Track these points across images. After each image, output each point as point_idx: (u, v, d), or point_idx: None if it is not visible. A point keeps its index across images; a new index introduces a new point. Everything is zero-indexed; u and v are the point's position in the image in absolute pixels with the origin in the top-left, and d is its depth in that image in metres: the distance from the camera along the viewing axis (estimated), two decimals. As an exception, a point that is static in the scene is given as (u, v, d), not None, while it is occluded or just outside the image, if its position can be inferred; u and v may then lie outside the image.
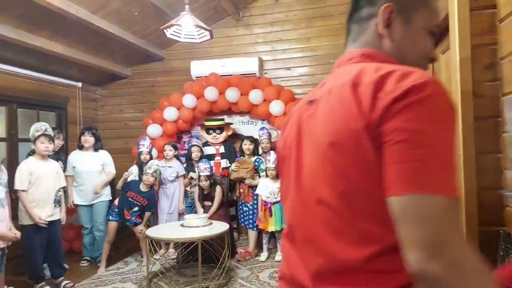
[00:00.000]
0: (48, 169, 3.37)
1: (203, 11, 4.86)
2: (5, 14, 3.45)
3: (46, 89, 4.87)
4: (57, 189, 3.43)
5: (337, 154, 0.65)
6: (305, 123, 0.77)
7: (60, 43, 4.27)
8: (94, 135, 4.08)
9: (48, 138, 3.30)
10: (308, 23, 5.07)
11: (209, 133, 4.77)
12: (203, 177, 4.03)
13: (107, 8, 3.99)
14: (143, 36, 4.92)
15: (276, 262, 4.01)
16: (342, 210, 0.65)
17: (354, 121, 0.62)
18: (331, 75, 0.80)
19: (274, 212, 4.05)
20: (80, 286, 3.46)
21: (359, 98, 0.63)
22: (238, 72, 4.97)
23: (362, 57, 0.75)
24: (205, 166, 4.07)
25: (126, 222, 3.86)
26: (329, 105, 0.69)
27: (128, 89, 5.75)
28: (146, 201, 3.90)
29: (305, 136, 0.76)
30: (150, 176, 3.87)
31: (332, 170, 0.66)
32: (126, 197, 3.86)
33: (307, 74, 5.10)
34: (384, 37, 0.75)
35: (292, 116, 0.85)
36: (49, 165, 3.41)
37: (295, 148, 0.78)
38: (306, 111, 0.78)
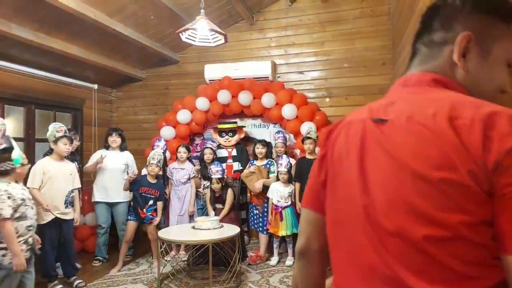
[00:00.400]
0: (62, 170, 3.45)
1: (218, 15, 4.90)
2: (25, 18, 3.56)
3: (62, 90, 4.99)
4: (70, 190, 3.48)
5: (432, 190, 0.60)
6: (374, 144, 0.70)
7: (77, 45, 4.36)
8: (120, 135, 4.27)
9: (69, 140, 3.44)
10: (321, 27, 5.07)
11: (221, 136, 4.80)
12: (215, 180, 4.05)
13: (124, 12, 4.06)
14: (158, 40, 4.99)
15: (286, 266, 4.00)
16: (427, 247, 0.60)
17: (458, 158, 0.58)
18: (400, 95, 0.74)
19: (285, 217, 4.04)
20: (92, 286, 3.51)
21: (461, 134, 0.59)
22: (251, 76, 4.99)
23: (434, 82, 0.71)
24: (217, 169, 4.09)
25: (143, 220, 3.90)
26: (415, 134, 0.64)
27: (143, 92, 5.83)
28: (157, 191, 3.97)
29: (376, 160, 0.69)
30: (154, 166, 3.93)
31: (423, 204, 0.61)
32: (139, 194, 3.92)
33: (320, 78, 5.09)
34: (458, 66, 0.70)
35: (349, 129, 0.77)
36: (64, 166, 3.50)
37: (357, 167, 0.72)
38: (375, 130, 0.71)
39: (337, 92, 5.00)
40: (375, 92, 4.71)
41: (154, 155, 3.99)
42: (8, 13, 3.41)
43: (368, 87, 4.83)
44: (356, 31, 4.91)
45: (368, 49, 4.86)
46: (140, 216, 3.89)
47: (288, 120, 4.69)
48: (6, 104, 4.30)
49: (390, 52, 4.75)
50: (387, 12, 4.82)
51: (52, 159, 3.44)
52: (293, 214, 4.08)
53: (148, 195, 3.93)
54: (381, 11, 4.84)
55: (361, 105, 3.31)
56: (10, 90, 4.23)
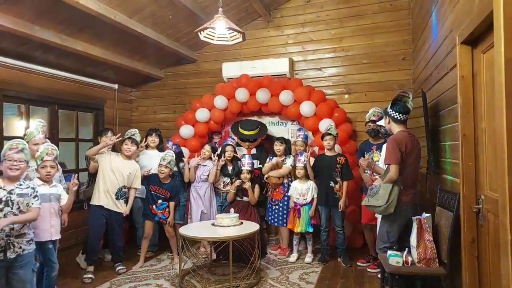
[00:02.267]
0: (122, 167, 3.79)
1: (235, 13, 4.91)
2: (49, 20, 3.66)
3: (84, 90, 5.11)
4: (122, 185, 3.77)
5: None
6: None
7: (98, 46, 4.46)
8: (159, 136, 4.48)
9: (130, 141, 3.88)
10: (340, 23, 5.01)
11: (243, 141, 4.83)
12: (245, 170, 4.15)
13: (143, 12, 4.12)
14: (176, 39, 5.04)
15: (306, 263, 3.99)
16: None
17: None
18: None
19: (302, 214, 4.03)
20: (115, 281, 3.59)
21: None
22: (269, 73, 4.98)
23: None
24: (248, 161, 4.22)
25: (154, 218, 3.95)
26: None
27: (162, 91, 5.91)
28: (168, 192, 3.98)
29: None
30: (164, 167, 3.92)
31: None
32: (149, 192, 3.97)
33: (339, 74, 5.04)
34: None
35: None
36: (127, 164, 3.85)
37: None
38: None
39: (356, 88, 4.94)
40: (394, 88, 4.62)
41: (166, 156, 3.99)
42: (31, 16, 3.51)
43: (388, 83, 4.75)
44: (375, 26, 4.83)
45: (387, 44, 4.78)
46: (152, 213, 3.95)
47: (306, 117, 4.66)
48: (31, 105, 4.44)
49: (411, 46, 4.65)
50: (407, 6, 4.71)
51: (119, 156, 3.87)
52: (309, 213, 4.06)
53: (157, 194, 3.96)
54: (401, 5, 4.74)
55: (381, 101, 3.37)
56: (35, 91, 4.37)
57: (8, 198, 2.37)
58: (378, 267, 3.52)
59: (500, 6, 1.48)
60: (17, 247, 2.40)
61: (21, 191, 2.43)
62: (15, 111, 4.70)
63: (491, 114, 1.93)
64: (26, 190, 2.46)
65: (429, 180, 3.38)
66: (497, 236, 1.79)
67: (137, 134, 4.10)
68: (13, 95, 4.14)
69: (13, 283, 2.41)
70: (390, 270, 2.56)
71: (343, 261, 3.96)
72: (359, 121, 4.80)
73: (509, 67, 1.45)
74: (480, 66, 2.15)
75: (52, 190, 2.88)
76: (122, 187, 3.78)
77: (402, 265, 2.55)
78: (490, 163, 2.02)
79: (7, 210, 2.36)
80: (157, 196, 3.96)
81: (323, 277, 3.63)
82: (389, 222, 2.78)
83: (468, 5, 2.17)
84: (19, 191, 2.42)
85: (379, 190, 2.72)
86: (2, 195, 2.37)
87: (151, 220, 3.97)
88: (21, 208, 2.41)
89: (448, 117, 2.71)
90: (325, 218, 3.99)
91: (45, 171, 2.83)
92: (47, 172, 2.83)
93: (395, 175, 2.66)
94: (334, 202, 3.93)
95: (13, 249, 2.38)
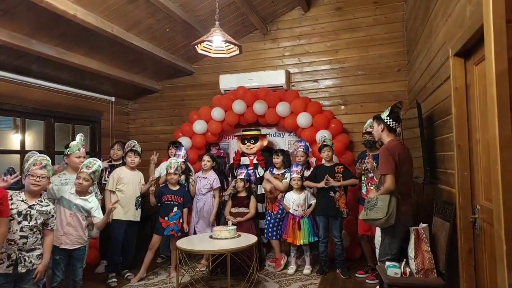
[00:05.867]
0: (131, 178, 3.99)
1: (232, 26, 4.98)
2: (46, 33, 3.68)
3: (81, 103, 5.12)
4: (137, 195, 3.99)
5: None
6: None
7: (95, 59, 4.48)
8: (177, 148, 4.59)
9: (133, 153, 4.04)
10: (335, 35, 5.08)
11: (244, 143, 4.83)
12: (239, 180, 4.18)
13: (141, 25, 4.17)
14: (173, 52, 5.09)
15: (304, 275, 3.96)
16: None
17: None
18: None
19: (303, 226, 4.02)
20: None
21: None
22: (266, 85, 5.02)
23: None
24: (241, 171, 4.26)
25: (164, 232, 3.90)
26: None
27: (159, 103, 5.93)
28: (181, 198, 4.01)
29: None
30: (173, 175, 3.98)
31: None
32: (162, 203, 3.96)
33: (335, 86, 5.09)
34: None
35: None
36: (134, 175, 4.04)
37: None
38: None
39: (352, 99, 4.98)
40: (390, 99, 4.67)
41: (171, 163, 4.02)
42: (29, 30, 3.54)
43: (383, 94, 4.80)
44: (370, 38, 4.90)
45: (382, 56, 4.85)
46: (162, 227, 3.91)
47: (303, 128, 4.68)
48: (26, 118, 4.43)
49: (405, 58, 4.72)
50: (401, 19, 4.80)
51: (124, 169, 4.05)
52: (310, 223, 4.05)
53: (171, 202, 3.96)
54: (395, 18, 4.82)
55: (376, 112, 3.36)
56: (31, 104, 4.37)
57: (28, 212, 2.46)
58: (377, 278, 3.50)
59: (489, 20, 1.52)
60: (28, 261, 2.43)
61: (41, 208, 2.53)
62: (11, 125, 4.68)
63: (485, 125, 1.96)
64: (46, 208, 2.55)
65: (425, 190, 3.39)
66: (493, 246, 1.80)
67: (137, 145, 4.16)
68: (9, 108, 4.14)
69: None
70: (389, 282, 2.55)
71: (341, 272, 3.93)
72: (355, 132, 4.84)
73: (500, 79, 1.48)
74: (473, 78, 2.18)
75: (78, 201, 2.98)
76: (138, 196, 3.99)
77: (401, 276, 2.54)
78: (484, 173, 2.03)
79: (25, 223, 2.43)
80: (171, 205, 3.95)
81: (322, 289, 3.61)
82: (390, 234, 2.76)
83: (460, 18, 2.21)
84: (39, 207, 2.52)
85: (377, 202, 2.71)
86: (22, 208, 2.45)
87: (160, 234, 3.95)
88: (38, 223, 2.48)
89: (443, 128, 2.74)
90: (324, 229, 3.98)
91: (78, 181, 2.97)
92: (79, 183, 2.97)
93: (392, 185, 2.66)
94: (333, 212, 3.92)
95: (24, 263, 2.42)
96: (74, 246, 2.94)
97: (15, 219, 2.41)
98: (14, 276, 2.39)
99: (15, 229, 2.40)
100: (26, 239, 2.42)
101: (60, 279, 2.91)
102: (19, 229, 2.41)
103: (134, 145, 4.14)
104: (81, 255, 3.03)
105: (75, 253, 2.96)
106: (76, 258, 2.98)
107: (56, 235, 2.84)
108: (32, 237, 2.46)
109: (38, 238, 2.51)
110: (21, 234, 2.41)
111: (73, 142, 3.50)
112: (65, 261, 2.95)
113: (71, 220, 2.94)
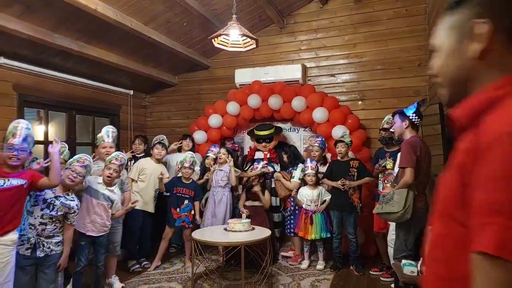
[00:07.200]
0: (154, 171, 4.07)
1: (248, 19, 4.96)
2: (68, 28, 3.76)
3: (101, 96, 5.22)
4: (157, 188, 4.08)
5: None
6: None
7: (114, 53, 4.56)
8: (192, 141, 4.89)
9: (161, 145, 4.19)
10: (354, 28, 4.99)
11: (259, 142, 4.84)
12: (268, 167, 4.37)
13: (159, 19, 4.20)
14: (190, 46, 5.11)
15: (317, 270, 3.96)
16: None
17: None
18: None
19: (315, 221, 4.01)
20: (129, 283, 3.63)
21: None
22: (281, 79, 5.00)
23: None
24: (257, 165, 4.38)
25: (175, 223, 3.99)
26: None
27: (175, 97, 5.99)
28: (192, 191, 4.08)
29: None
30: (188, 169, 4.05)
31: None
32: (173, 194, 4.02)
33: (352, 80, 5.01)
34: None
35: None
36: (157, 168, 4.11)
37: None
38: None
39: (370, 95, 4.90)
40: (410, 95, 4.58)
41: (186, 157, 4.10)
42: (51, 24, 3.62)
43: (402, 90, 4.70)
44: (389, 32, 4.80)
45: (403, 50, 4.74)
46: (173, 218, 3.98)
47: (319, 123, 4.64)
48: (49, 110, 4.56)
49: (427, 52, 4.60)
50: (424, 11, 4.67)
51: (150, 160, 4.19)
52: (323, 219, 4.03)
53: (183, 195, 4.03)
54: (417, 11, 4.70)
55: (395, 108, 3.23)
56: (54, 97, 4.48)
57: (52, 201, 2.58)
58: (392, 276, 3.46)
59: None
60: (46, 247, 2.55)
61: (65, 201, 2.64)
62: (35, 116, 4.82)
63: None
64: (70, 203, 2.65)
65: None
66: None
67: (165, 139, 4.39)
68: (33, 100, 4.26)
69: (40, 281, 2.57)
70: (405, 280, 2.51)
71: (355, 269, 3.91)
72: (372, 128, 4.76)
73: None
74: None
75: (105, 191, 3.09)
76: (157, 189, 4.10)
77: (417, 275, 2.50)
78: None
79: (46, 212, 2.55)
80: (182, 197, 4.03)
81: (335, 284, 3.59)
82: (405, 230, 2.73)
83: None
84: (63, 200, 2.63)
85: (393, 196, 2.68)
86: (49, 196, 2.58)
87: (172, 226, 4.03)
88: (58, 214, 2.58)
89: (464, 124, 2.66)
90: (338, 224, 3.95)
91: (108, 172, 3.08)
92: (109, 174, 3.08)
93: (410, 179, 2.62)
94: (347, 207, 3.89)
95: (42, 248, 2.54)
96: (99, 234, 3.07)
97: (39, 205, 2.54)
98: (34, 259, 2.52)
99: (36, 214, 2.53)
100: (45, 226, 2.54)
101: (84, 264, 3.03)
102: (40, 216, 2.53)
103: (163, 138, 4.35)
104: (104, 242, 3.15)
105: (99, 240, 3.09)
106: (99, 245, 3.11)
107: (83, 223, 2.97)
108: (51, 225, 2.57)
109: (58, 226, 2.62)
110: (41, 221, 2.53)
111: (100, 133, 3.63)
112: (89, 247, 3.08)
113: (98, 209, 3.04)
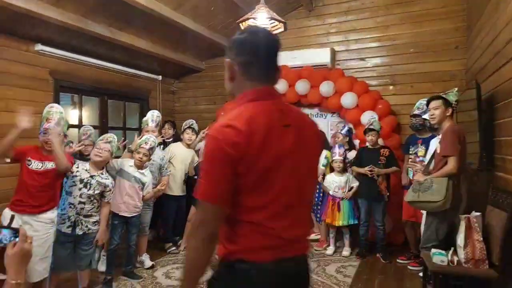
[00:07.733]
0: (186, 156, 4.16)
1: (276, 2, 4.85)
2: (100, 14, 3.83)
3: (131, 82, 5.32)
4: (186, 172, 4.17)
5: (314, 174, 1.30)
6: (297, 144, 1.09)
7: (144, 39, 4.61)
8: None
9: (191, 130, 4.20)
10: (386, 10, 4.79)
11: None
12: None
13: (187, 4, 4.20)
14: (217, 31, 5.09)
15: (343, 257, 3.94)
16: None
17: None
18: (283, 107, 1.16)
19: (343, 207, 3.98)
20: (159, 262, 3.79)
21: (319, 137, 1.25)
22: (309, 64, 4.90)
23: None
24: None
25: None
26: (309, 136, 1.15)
27: (203, 82, 6.02)
28: None
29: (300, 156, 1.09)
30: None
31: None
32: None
33: (383, 64, 4.84)
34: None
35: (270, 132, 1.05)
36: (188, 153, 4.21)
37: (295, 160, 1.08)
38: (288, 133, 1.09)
39: (401, 79, 4.73)
40: (445, 79, 4.37)
41: None
42: (85, 11, 3.70)
43: (437, 74, 4.49)
44: (425, 13, 4.56)
45: (438, 32, 4.50)
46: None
47: (348, 109, 4.54)
48: (83, 95, 4.71)
49: (464, 34, 4.36)
50: (462, -9, 4.41)
51: (180, 145, 4.23)
52: (351, 206, 4.00)
53: None
54: (455, -10, 4.44)
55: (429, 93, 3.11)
56: (87, 82, 4.62)
57: (89, 181, 2.72)
58: (420, 265, 3.39)
59: None
60: (84, 225, 2.71)
61: (100, 179, 2.78)
62: (69, 101, 5.01)
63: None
64: (105, 181, 2.79)
65: (480, 177, 3.18)
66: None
67: (195, 123, 4.34)
68: (68, 85, 4.41)
69: (78, 256, 2.75)
70: (434, 269, 2.46)
71: (382, 257, 3.86)
72: (403, 113, 4.60)
73: None
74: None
75: (136, 173, 3.23)
76: (187, 173, 4.20)
77: (448, 264, 2.44)
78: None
79: (84, 191, 2.70)
80: None
81: (361, 271, 3.57)
82: (440, 219, 2.65)
83: (533, -12, 1.99)
84: (99, 179, 2.77)
85: (432, 184, 2.60)
86: (84, 176, 2.72)
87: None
88: (95, 193, 2.72)
89: (506, 111, 2.53)
90: (365, 212, 3.91)
91: (138, 156, 3.23)
92: (139, 158, 3.22)
93: (455, 168, 2.53)
94: (375, 195, 3.83)
95: (81, 226, 2.70)
96: (132, 214, 3.23)
97: (77, 185, 2.68)
98: (73, 237, 2.68)
99: (75, 194, 2.67)
100: (83, 205, 2.69)
101: (117, 242, 3.19)
102: (79, 195, 2.67)
103: (193, 123, 4.32)
104: (137, 222, 3.30)
105: (131, 220, 3.25)
106: (131, 225, 3.27)
107: (116, 203, 3.12)
108: (89, 204, 2.71)
109: (95, 206, 2.76)
110: (79, 200, 2.68)
111: (145, 117, 3.80)
112: (122, 226, 3.24)
113: (130, 191, 3.19)
